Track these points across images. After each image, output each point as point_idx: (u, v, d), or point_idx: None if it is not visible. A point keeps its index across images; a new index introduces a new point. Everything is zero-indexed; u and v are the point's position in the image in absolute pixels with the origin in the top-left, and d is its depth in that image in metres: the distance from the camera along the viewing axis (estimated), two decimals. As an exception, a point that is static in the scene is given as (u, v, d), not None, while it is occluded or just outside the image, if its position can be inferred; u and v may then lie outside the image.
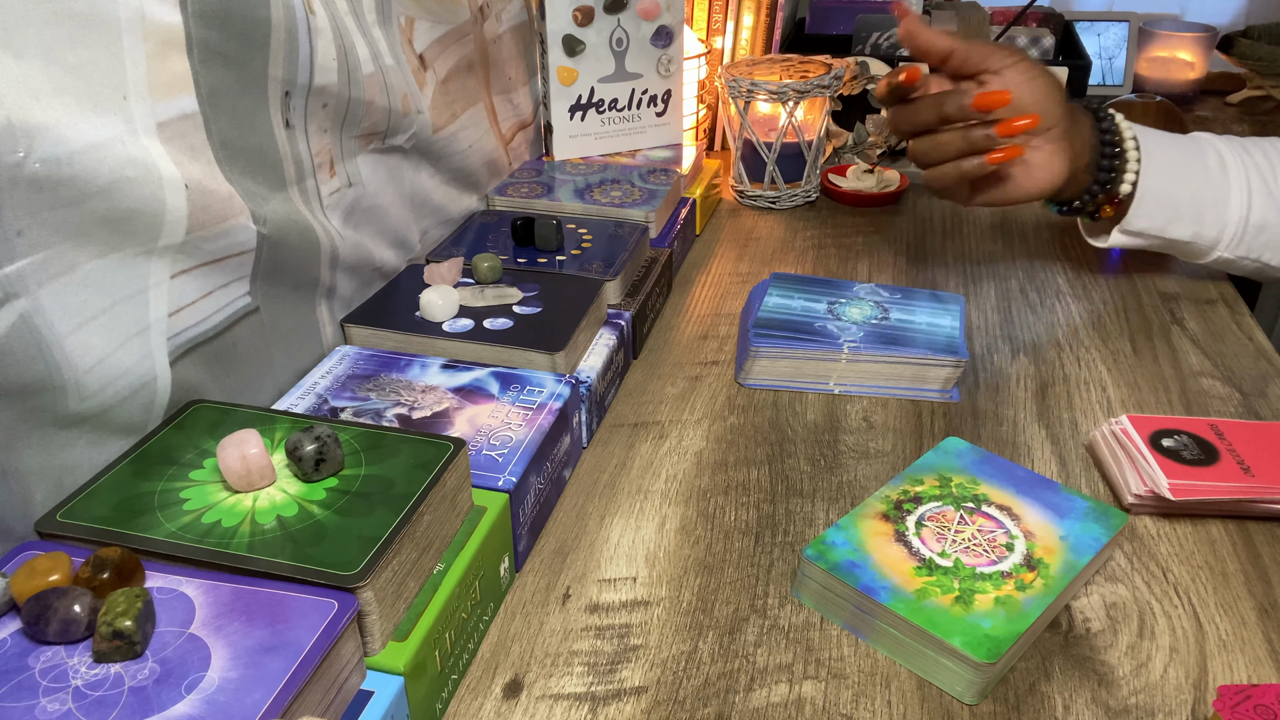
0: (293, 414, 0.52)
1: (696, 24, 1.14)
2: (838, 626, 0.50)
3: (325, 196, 0.64)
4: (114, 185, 0.44)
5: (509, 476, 0.52)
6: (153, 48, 0.47)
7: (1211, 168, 0.76)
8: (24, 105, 0.40)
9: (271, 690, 0.36)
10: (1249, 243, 0.77)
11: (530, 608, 0.51)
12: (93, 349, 0.46)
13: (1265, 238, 0.77)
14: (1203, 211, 0.76)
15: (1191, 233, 0.77)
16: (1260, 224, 0.76)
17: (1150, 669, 0.47)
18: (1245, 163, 0.76)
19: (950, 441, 0.60)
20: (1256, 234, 0.76)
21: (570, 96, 0.95)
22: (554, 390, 0.59)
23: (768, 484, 0.61)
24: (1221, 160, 0.76)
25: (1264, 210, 0.76)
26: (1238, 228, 0.76)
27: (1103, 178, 0.75)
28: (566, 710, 0.45)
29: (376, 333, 0.65)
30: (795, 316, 0.72)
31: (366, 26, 0.65)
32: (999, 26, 1.28)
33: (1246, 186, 0.75)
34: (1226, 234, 0.77)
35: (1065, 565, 0.50)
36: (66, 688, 0.36)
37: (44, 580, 0.38)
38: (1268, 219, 0.76)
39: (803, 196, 1.04)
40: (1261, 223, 0.76)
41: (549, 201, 0.86)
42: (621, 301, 0.73)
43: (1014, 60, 0.69)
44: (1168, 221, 0.77)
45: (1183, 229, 0.77)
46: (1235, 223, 0.76)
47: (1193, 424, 0.61)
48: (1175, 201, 0.76)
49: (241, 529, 0.43)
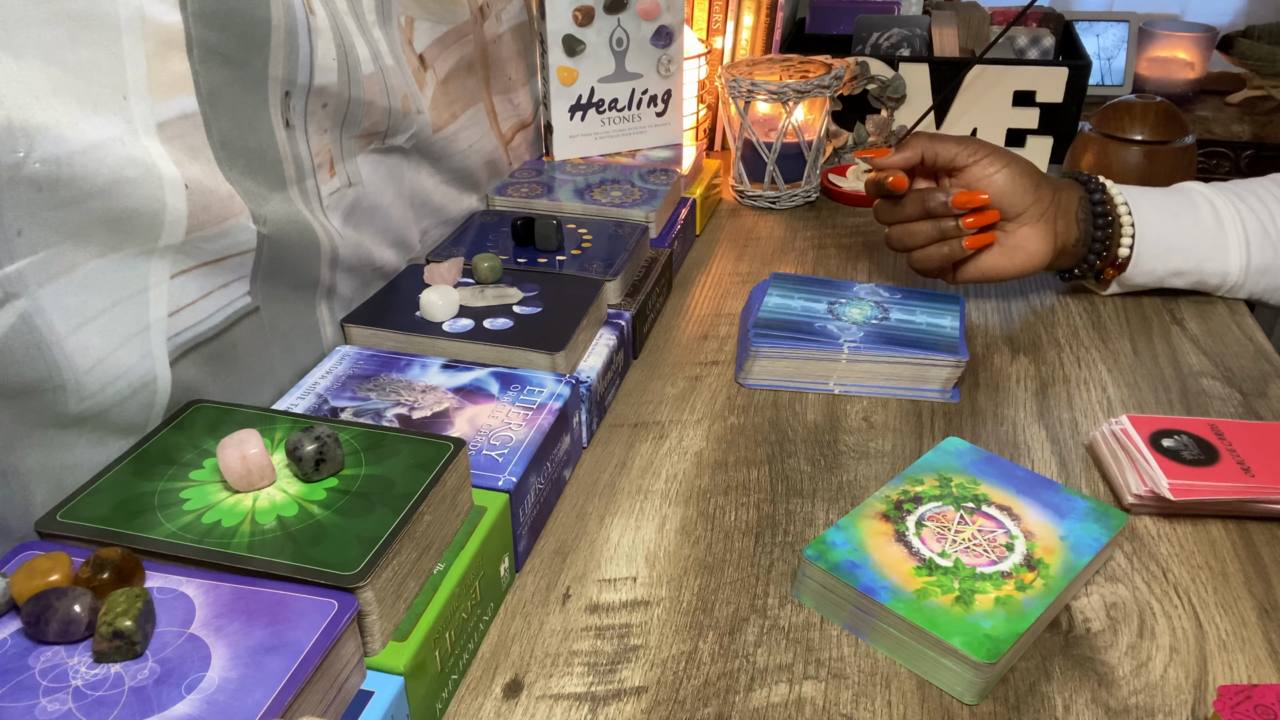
0: (293, 414, 0.52)
1: (696, 24, 1.14)
2: (838, 626, 0.50)
3: (325, 196, 0.64)
4: (114, 185, 0.44)
5: (509, 476, 0.52)
6: (153, 48, 0.47)
7: (1205, 220, 0.77)
8: (24, 105, 0.40)
9: (271, 690, 0.36)
10: (1251, 287, 0.79)
11: (530, 608, 0.51)
12: (93, 349, 0.46)
13: (1267, 281, 0.78)
14: (1202, 263, 0.78)
15: (1193, 282, 0.79)
16: (1262, 268, 0.77)
17: (1150, 669, 0.47)
18: (1239, 210, 0.77)
19: (950, 441, 0.60)
20: (1259, 278, 0.78)
21: (570, 96, 0.96)
22: (554, 390, 0.59)
23: (768, 484, 0.61)
24: (1215, 211, 0.77)
25: (1263, 255, 0.77)
26: (1239, 276, 0.78)
27: (1098, 248, 0.77)
28: (566, 710, 0.45)
29: (376, 333, 0.65)
30: (795, 316, 0.72)
31: (366, 26, 0.65)
32: (999, 26, 1.28)
33: (1243, 234, 0.77)
34: (1229, 281, 0.79)
35: (1065, 565, 0.50)
36: (66, 688, 0.36)
37: (44, 580, 0.38)
38: (1268, 263, 0.77)
39: (803, 196, 1.04)
40: (1263, 267, 0.77)
41: (549, 201, 0.86)
42: (621, 301, 0.73)
43: (981, 154, 0.73)
44: (1167, 275, 0.79)
45: (1182, 281, 0.79)
46: (1236, 271, 0.78)
47: (1193, 424, 0.61)
48: (1172, 257, 0.78)
49: (241, 529, 0.43)
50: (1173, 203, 0.78)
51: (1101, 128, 0.98)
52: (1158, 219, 0.76)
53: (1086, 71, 1.08)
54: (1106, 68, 1.46)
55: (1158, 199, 0.78)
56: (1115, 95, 1.31)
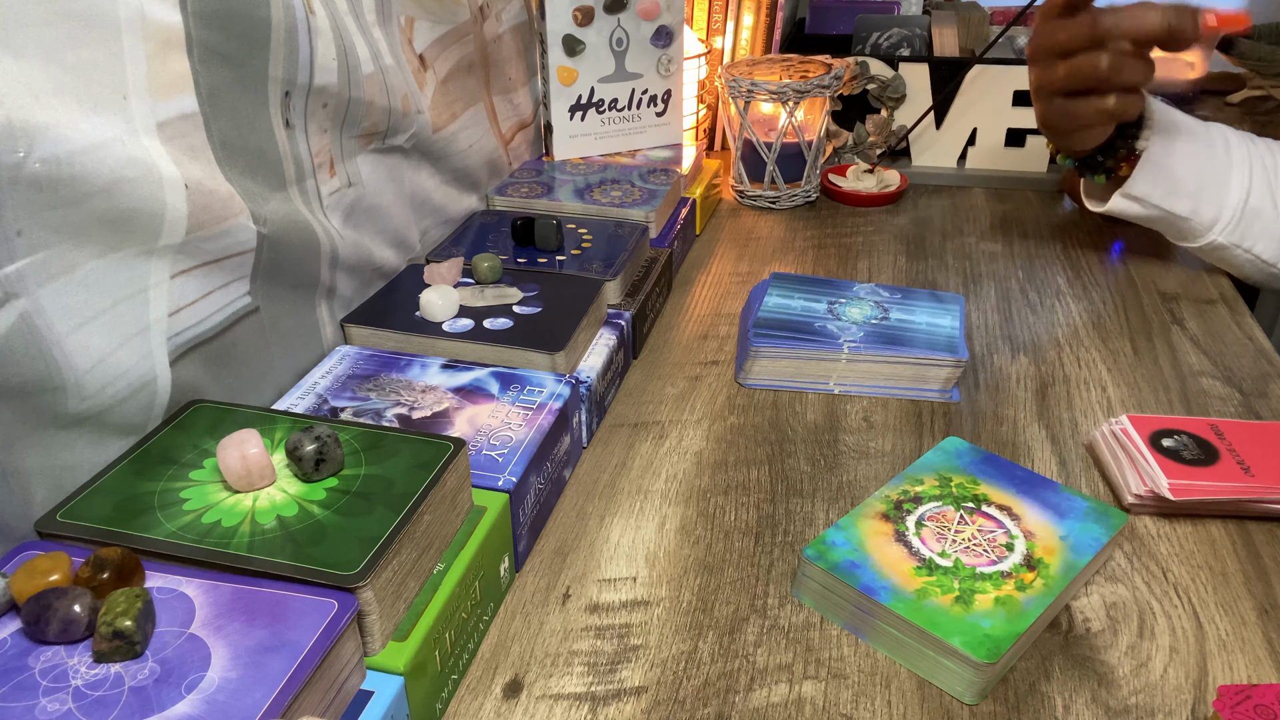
0: (293, 414, 0.52)
1: (696, 24, 1.14)
2: (838, 626, 0.50)
3: (325, 196, 0.64)
4: (114, 185, 0.44)
5: (509, 476, 0.52)
6: (153, 48, 0.47)
7: (1217, 148, 0.79)
8: (24, 105, 0.40)
9: (271, 690, 0.36)
10: (1244, 228, 0.79)
11: (530, 608, 0.51)
12: (93, 349, 0.46)
13: (1259, 225, 0.79)
14: (1204, 188, 0.79)
15: (1190, 208, 0.80)
16: (1256, 209, 0.78)
17: (1150, 669, 0.47)
18: (1251, 152, 0.79)
19: (950, 441, 0.60)
20: (1252, 219, 0.79)
21: (570, 96, 0.95)
22: (554, 390, 0.59)
23: (768, 484, 0.61)
24: (1228, 144, 0.79)
25: (1261, 198, 0.78)
26: (1236, 209, 0.79)
27: (1131, 130, 0.78)
28: (566, 710, 0.45)
29: (376, 333, 0.65)
30: (795, 316, 0.72)
31: (366, 26, 0.65)
32: (999, 26, 1.28)
33: (1249, 172, 0.78)
34: (1224, 215, 0.79)
35: (1065, 565, 0.50)
36: (66, 688, 0.36)
37: (44, 580, 0.38)
38: (1263, 206, 0.78)
39: (803, 196, 1.04)
40: (1257, 208, 0.78)
41: (549, 201, 0.86)
42: (621, 301, 0.73)
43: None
44: (1169, 192, 0.79)
45: (1182, 203, 0.79)
46: (1234, 205, 0.79)
47: (1193, 424, 0.61)
48: (1178, 172, 0.79)
49: (241, 529, 0.43)
50: (1192, 122, 0.80)
51: (1101, 128, 0.98)
52: (1173, 125, 0.78)
53: (1086, 71, 1.08)
54: (1106, 68, 1.45)
55: (1179, 114, 0.80)
56: (1115, 95, 1.30)
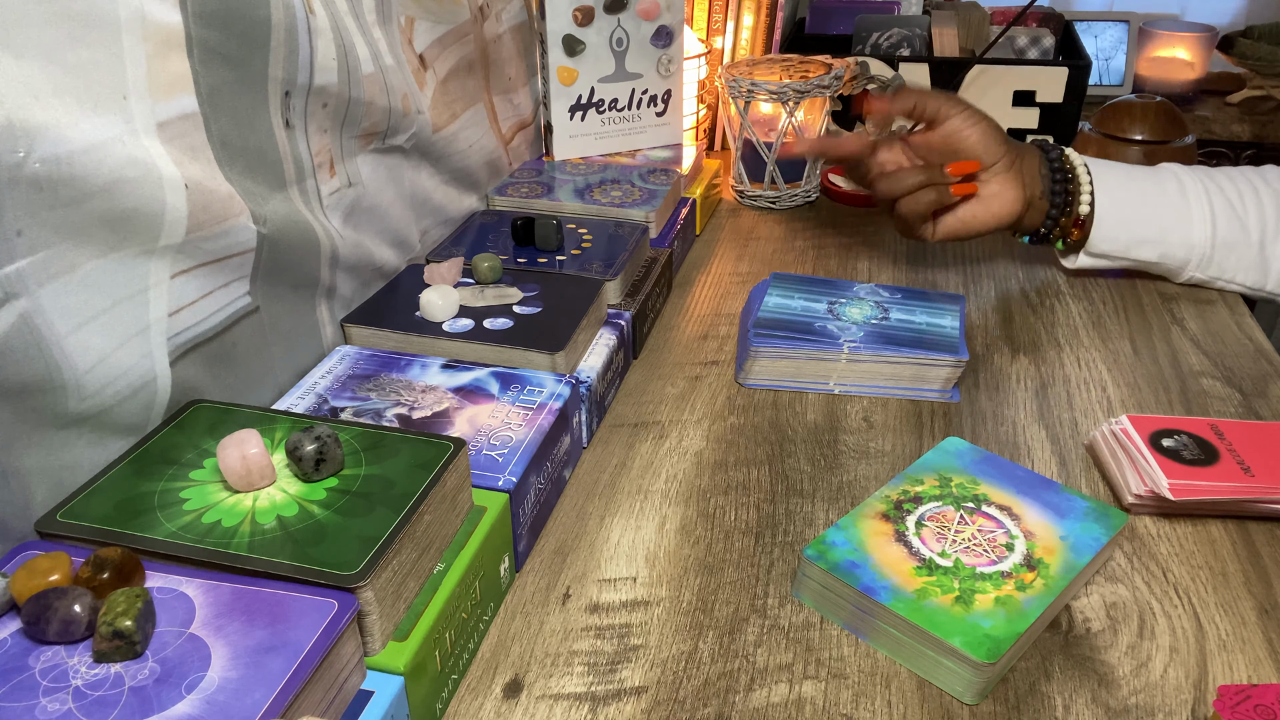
0: (293, 414, 0.52)
1: (696, 24, 1.14)
2: (838, 626, 0.50)
3: (325, 196, 0.64)
4: (114, 185, 0.44)
5: (509, 476, 0.52)
6: (153, 48, 0.47)
7: (1170, 192, 0.79)
8: (24, 105, 0.40)
9: (271, 690, 0.36)
10: (1219, 263, 0.80)
11: (530, 608, 0.51)
12: (93, 349, 0.46)
13: (1234, 257, 0.79)
14: (1166, 231, 0.79)
15: (1157, 254, 0.81)
16: (1228, 243, 0.78)
17: (1150, 669, 0.47)
18: (1207, 187, 0.79)
19: (950, 441, 0.60)
20: (1226, 253, 0.79)
21: (570, 96, 0.95)
22: (554, 390, 0.59)
23: (768, 484, 0.61)
24: (1181, 185, 0.79)
25: (1229, 230, 0.78)
26: (1204, 247, 0.79)
27: (1058, 201, 0.79)
28: (566, 710, 0.45)
29: (376, 333, 0.65)
30: (795, 316, 0.72)
31: (366, 26, 0.65)
32: (999, 26, 1.28)
33: (1209, 208, 0.78)
34: (1195, 254, 0.80)
35: (1065, 565, 0.50)
36: (66, 688, 0.36)
37: (44, 580, 0.38)
38: (1234, 239, 0.78)
39: (803, 196, 1.04)
40: (1229, 241, 0.78)
41: (549, 201, 0.86)
42: (621, 301, 0.73)
43: (960, 108, 0.78)
44: (1131, 243, 0.80)
45: (1148, 251, 0.81)
46: (1202, 243, 0.79)
47: (1193, 424, 0.61)
48: (1134, 223, 0.79)
49: (241, 529, 0.43)
50: (1136, 172, 0.81)
51: (1101, 128, 0.98)
52: (1117, 181, 0.79)
53: (1086, 71, 1.08)
54: (1106, 68, 1.46)
55: (1121, 168, 0.81)
56: (1115, 95, 1.31)
